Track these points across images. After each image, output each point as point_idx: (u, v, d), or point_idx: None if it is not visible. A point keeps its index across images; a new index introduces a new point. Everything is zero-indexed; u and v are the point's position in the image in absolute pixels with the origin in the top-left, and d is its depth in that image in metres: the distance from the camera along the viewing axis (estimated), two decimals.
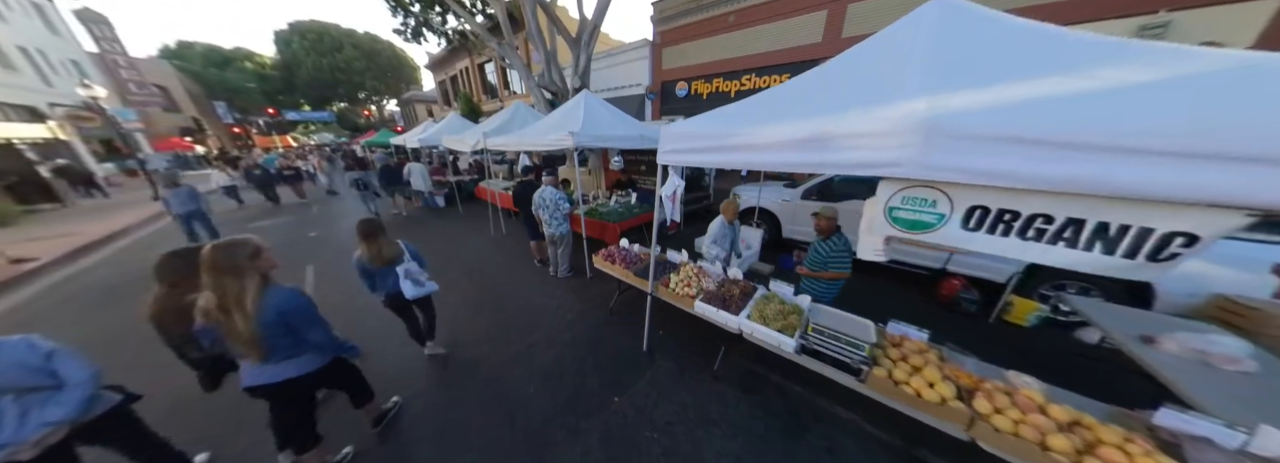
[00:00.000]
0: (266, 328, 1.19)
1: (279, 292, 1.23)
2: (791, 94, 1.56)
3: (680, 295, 2.13)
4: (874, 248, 1.40)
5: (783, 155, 1.38)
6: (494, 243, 5.02)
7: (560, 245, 3.52)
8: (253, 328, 1.16)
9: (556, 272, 3.70)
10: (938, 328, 2.66)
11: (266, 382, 1.29)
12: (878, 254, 1.39)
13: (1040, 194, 0.96)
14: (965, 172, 1.00)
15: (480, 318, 3.01)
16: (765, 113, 1.53)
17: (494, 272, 4.00)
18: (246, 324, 1.15)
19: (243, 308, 1.15)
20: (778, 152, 1.40)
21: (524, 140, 3.85)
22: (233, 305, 1.14)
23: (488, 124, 5.45)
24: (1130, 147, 0.79)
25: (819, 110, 1.34)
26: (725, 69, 7.74)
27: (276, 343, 1.24)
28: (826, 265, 2.10)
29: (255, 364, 1.26)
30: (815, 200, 3.96)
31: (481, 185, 6.75)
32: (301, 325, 1.27)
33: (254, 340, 1.17)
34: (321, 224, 6.55)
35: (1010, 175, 0.94)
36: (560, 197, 3.27)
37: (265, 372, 1.28)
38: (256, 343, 1.18)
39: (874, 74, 1.32)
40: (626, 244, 2.92)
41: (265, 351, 1.21)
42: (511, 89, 14.23)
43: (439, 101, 21.52)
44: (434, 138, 6.77)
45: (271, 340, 1.22)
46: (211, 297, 1.15)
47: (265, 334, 1.19)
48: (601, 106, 4.04)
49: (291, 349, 1.29)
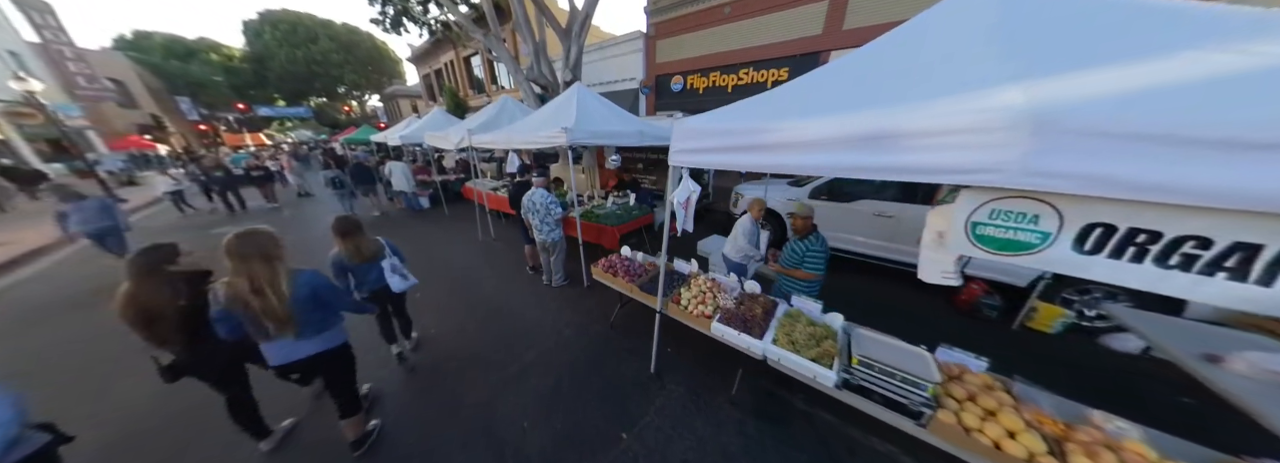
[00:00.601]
0: (299, 304, 1.31)
1: (305, 272, 1.37)
2: (835, 82, 1.29)
3: (694, 315, 1.88)
4: (942, 269, 1.16)
5: (830, 156, 1.12)
6: (482, 248, 4.67)
7: (553, 253, 3.22)
8: (287, 306, 1.27)
9: (551, 280, 3.41)
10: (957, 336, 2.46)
11: (298, 357, 1.40)
12: (947, 277, 1.16)
13: (1197, 210, 0.72)
14: (1093, 180, 0.76)
15: (466, 335, 2.71)
16: (804, 105, 1.27)
17: (482, 280, 3.68)
18: (282, 303, 1.26)
19: (278, 289, 1.26)
20: (823, 152, 1.14)
21: (513, 137, 3.51)
22: (267, 287, 1.24)
23: (473, 120, 5.07)
24: None
25: (874, 101, 1.08)
26: (722, 62, 7.45)
27: (308, 319, 1.36)
28: (801, 265, 2.01)
29: (290, 340, 1.35)
30: (824, 200, 3.75)
31: (468, 185, 6.35)
32: (331, 299, 1.44)
33: (289, 318, 1.29)
34: (294, 228, 6.06)
35: (1163, 187, 0.70)
36: (552, 200, 2.97)
37: (297, 348, 1.39)
38: (291, 320, 1.29)
39: (939, 55, 1.07)
40: (630, 253, 2.65)
41: (299, 326, 1.33)
42: (499, 84, 13.67)
43: (424, 96, 20.66)
44: (416, 135, 6.33)
45: (304, 316, 1.34)
46: (242, 282, 1.22)
47: (299, 311, 1.31)
48: (596, 101, 3.73)
49: (320, 324, 1.42)
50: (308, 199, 8.59)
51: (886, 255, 3.51)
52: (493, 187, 5.85)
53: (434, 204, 7.04)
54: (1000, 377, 1.32)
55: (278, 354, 1.37)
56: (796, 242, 2.06)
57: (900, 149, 1.00)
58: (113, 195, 4.80)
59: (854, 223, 3.64)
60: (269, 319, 1.26)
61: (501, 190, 5.48)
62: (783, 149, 1.23)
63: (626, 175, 4.67)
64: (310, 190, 9.03)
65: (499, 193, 5.36)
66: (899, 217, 3.37)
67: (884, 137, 1.02)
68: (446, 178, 7.49)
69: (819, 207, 3.86)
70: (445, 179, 7.39)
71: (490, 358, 2.42)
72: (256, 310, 1.24)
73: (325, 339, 1.46)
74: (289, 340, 1.35)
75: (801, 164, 1.20)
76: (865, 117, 1.05)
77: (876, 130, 1.03)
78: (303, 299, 1.33)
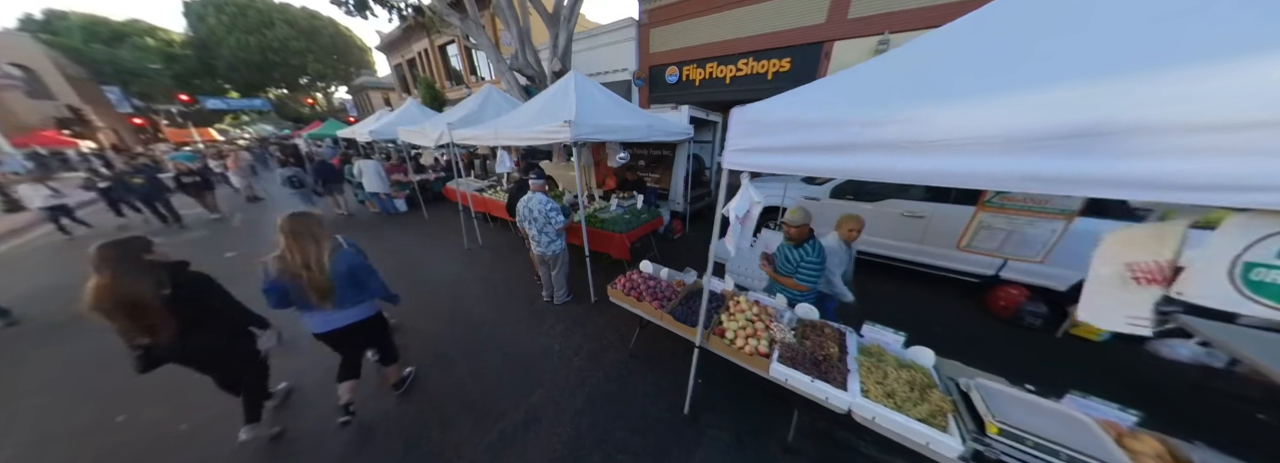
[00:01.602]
0: (338, 279, 1.51)
1: (345, 253, 1.56)
2: (979, 43, 0.89)
3: (746, 352, 1.52)
4: (1129, 314, 0.84)
5: (1004, 162, 0.75)
6: (470, 259, 4.14)
7: (555, 267, 2.78)
8: (328, 280, 1.47)
9: (552, 297, 2.97)
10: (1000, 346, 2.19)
11: (337, 326, 1.60)
12: (1136, 325, 0.83)
13: None
14: None
15: (455, 371, 2.24)
16: (935, 81, 0.89)
17: (471, 299, 3.18)
18: (323, 277, 1.46)
19: (321, 265, 1.46)
20: (991, 154, 0.76)
21: (502, 133, 3.01)
22: (313, 264, 1.44)
23: (453, 113, 4.48)
24: None
25: (1068, 71, 0.72)
26: (720, 52, 7.05)
27: (345, 293, 1.54)
28: (795, 274, 1.82)
29: (328, 311, 1.54)
30: (850, 200, 3.46)
31: (450, 186, 5.74)
32: (364, 276, 1.61)
33: (329, 290, 1.48)
34: (243, 240, 5.29)
35: None
36: (552, 207, 2.51)
37: (335, 318, 1.59)
38: (331, 292, 1.49)
39: (1174, 9, 0.71)
40: (651, 268, 2.25)
41: (337, 299, 1.52)
42: (479, 75, 12.76)
43: (396, 88, 19.24)
44: (387, 130, 5.64)
45: (341, 291, 1.52)
46: (294, 257, 1.44)
47: (337, 285, 1.50)
48: (596, 90, 3.26)
49: (355, 298, 1.60)
50: (260, 203, 7.56)
51: (916, 258, 3.27)
52: (478, 187, 5.29)
53: (412, 207, 6.37)
54: (1172, 440, 1.03)
55: (320, 323, 1.58)
56: (790, 249, 1.84)
57: (1135, 152, 0.65)
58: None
59: (880, 224, 3.37)
60: (312, 290, 1.44)
61: (489, 191, 4.94)
62: (917, 149, 0.85)
63: (630, 174, 4.23)
64: (261, 194, 7.98)
65: (486, 194, 4.83)
66: (930, 217, 3.12)
67: (1107, 132, 0.65)
68: (425, 177, 6.81)
69: (842, 207, 3.59)
70: (424, 179, 6.71)
71: (486, 402, 1.98)
72: (304, 283, 1.43)
73: (360, 311, 1.65)
74: (329, 312, 1.54)
75: (954, 171, 0.82)
76: (1072, 98, 0.68)
77: (1094, 123, 0.66)
78: (341, 275, 1.50)
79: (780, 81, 6.58)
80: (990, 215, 2.57)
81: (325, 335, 1.62)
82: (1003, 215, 2.52)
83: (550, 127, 2.51)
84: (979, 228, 2.64)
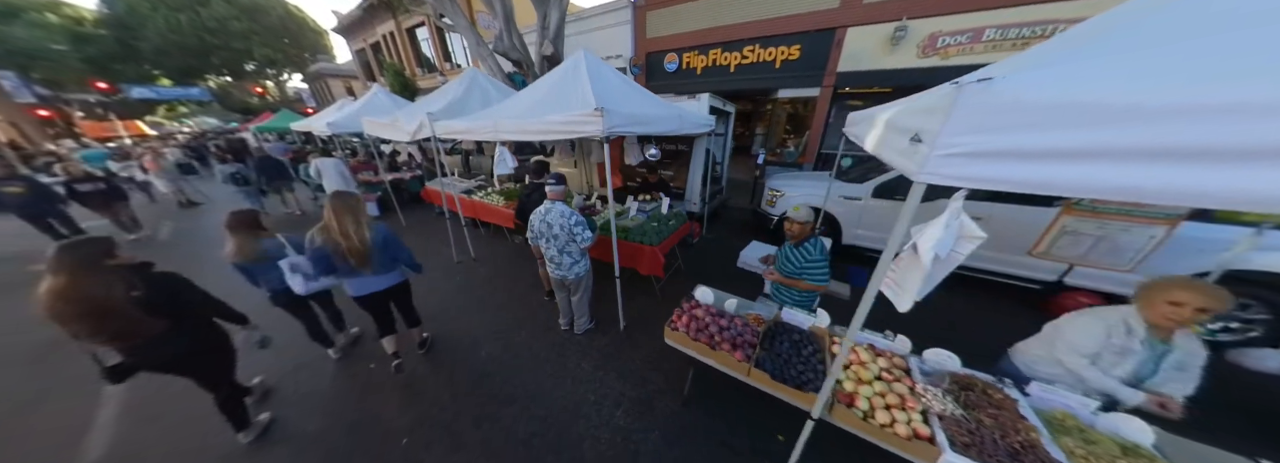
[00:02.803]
0: (375, 247, 1.72)
1: (379, 226, 1.78)
2: None
3: (895, 433, 1.07)
4: None
5: None
6: (461, 275, 3.48)
7: (577, 292, 2.25)
8: (367, 248, 1.69)
9: (572, 325, 2.45)
10: None
11: (374, 290, 1.86)
12: None
13: None
14: None
15: (460, 442, 1.68)
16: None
17: (470, 331, 2.57)
18: (364, 245, 1.68)
19: (362, 234, 1.68)
20: None
21: (504, 124, 2.39)
22: (354, 233, 1.66)
23: (430, 101, 3.75)
24: None
25: None
26: (724, 38, 6.52)
27: (380, 259, 1.78)
28: (802, 275, 1.69)
29: (368, 276, 1.81)
30: (897, 200, 3.10)
31: (431, 186, 4.99)
32: (395, 246, 1.84)
33: (368, 257, 1.71)
34: (179, 257, 4.36)
35: None
36: (578, 221, 1.95)
37: (372, 282, 1.85)
38: (368, 258, 1.71)
39: None
40: (711, 296, 1.76)
41: (374, 264, 1.76)
42: (454, 62, 11.59)
43: (360, 76, 17.42)
44: (350, 122, 4.78)
45: (376, 257, 1.75)
46: (336, 227, 1.65)
47: (374, 252, 1.72)
48: (611, 73, 2.69)
49: (388, 265, 1.85)
50: (194, 209, 6.37)
51: (977, 265, 2.97)
52: (465, 188, 4.59)
53: (385, 210, 5.53)
54: None
55: (359, 287, 1.83)
56: (792, 249, 1.73)
57: None
58: None
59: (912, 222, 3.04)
60: (352, 256, 1.67)
61: (479, 194, 4.26)
62: None
63: (651, 174, 3.68)
64: (197, 197, 6.73)
65: (477, 197, 4.15)
66: (989, 218, 2.81)
67: None
68: (399, 177, 5.96)
69: (887, 208, 3.24)
70: (398, 178, 5.86)
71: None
72: (344, 250, 1.65)
73: (392, 277, 1.92)
74: (367, 277, 1.81)
75: None
76: None
77: None
78: (377, 244, 1.74)
79: (789, 70, 6.16)
80: (1078, 220, 2.26)
81: (362, 299, 1.87)
82: (1094, 220, 2.22)
83: (572, 116, 1.94)
84: (1062, 233, 2.33)
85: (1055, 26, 4.40)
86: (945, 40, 4.99)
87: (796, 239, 1.69)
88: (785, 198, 3.75)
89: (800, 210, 1.63)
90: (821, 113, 6.08)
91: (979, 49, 4.87)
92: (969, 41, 4.89)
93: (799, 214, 1.63)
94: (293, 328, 2.14)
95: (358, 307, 1.91)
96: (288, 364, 2.21)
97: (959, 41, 4.93)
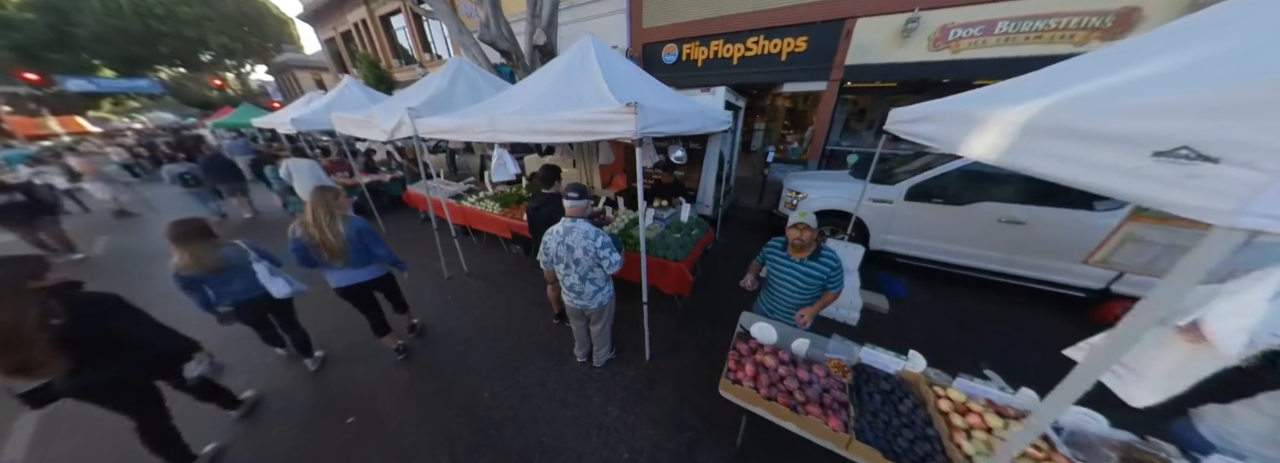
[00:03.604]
0: (349, 242, 1.75)
1: (356, 220, 1.82)
2: None
3: None
4: None
5: None
6: (454, 293, 3.05)
7: (598, 321, 1.89)
8: (342, 242, 1.72)
9: (591, 356, 2.11)
10: None
11: (354, 282, 1.90)
12: None
13: None
14: None
15: None
16: None
17: (469, 364, 2.19)
18: (338, 240, 1.71)
19: (335, 228, 1.70)
20: None
21: (503, 123, 1.97)
22: (327, 227, 1.68)
23: (410, 95, 3.26)
24: None
25: None
26: (726, 28, 6.14)
27: (356, 253, 1.79)
28: (826, 287, 1.50)
29: (341, 269, 1.83)
30: (936, 204, 2.87)
31: (414, 190, 4.49)
32: (370, 241, 1.84)
33: (342, 251, 1.73)
34: (115, 278, 3.75)
35: None
36: (605, 242, 1.57)
37: (352, 275, 1.88)
38: (342, 252, 1.74)
39: None
40: (771, 334, 1.45)
41: (349, 258, 1.77)
42: (435, 52, 10.78)
43: (331, 68, 16.16)
44: (318, 118, 4.22)
45: (352, 252, 1.77)
46: (311, 220, 1.69)
47: (349, 247, 1.75)
48: (623, 63, 2.33)
49: (364, 260, 1.86)
50: (132, 220, 5.46)
51: (1009, 270, 2.77)
52: (453, 192, 4.13)
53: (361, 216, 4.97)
54: None
55: (339, 278, 1.86)
56: (808, 264, 1.47)
57: None
58: None
59: (968, 231, 2.83)
60: (325, 250, 1.70)
61: (470, 199, 3.81)
62: None
63: (666, 176, 3.32)
64: (132, 207, 5.71)
65: (468, 203, 3.71)
66: (1032, 222, 2.61)
67: None
68: (377, 179, 5.39)
69: (920, 211, 3.00)
70: (376, 181, 5.30)
71: None
72: (317, 243, 1.68)
73: (370, 271, 1.94)
74: (345, 270, 1.83)
75: None
76: None
77: None
78: (351, 239, 1.76)
79: (795, 63, 5.86)
80: (1146, 227, 2.06)
81: (343, 290, 1.90)
82: (1163, 227, 2.02)
83: (593, 113, 1.56)
84: (1125, 241, 2.13)
85: (1069, 20, 4.25)
86: (957, 32, 4.79)
87: (808, 250, 1.47)
88: (808, 200, 3.47)
89: (809, 216, 1.42)
90: (827, 107, 5.84)
91: (991, 42, 4.69)
92: (981, 34, 4.70)
93: (810, 220, 1.41)
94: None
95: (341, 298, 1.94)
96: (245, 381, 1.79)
97: (971, 34, 4.74)
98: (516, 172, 2.47)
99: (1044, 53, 4.38)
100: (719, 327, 2.47)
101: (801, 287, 1.50)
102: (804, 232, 1.40)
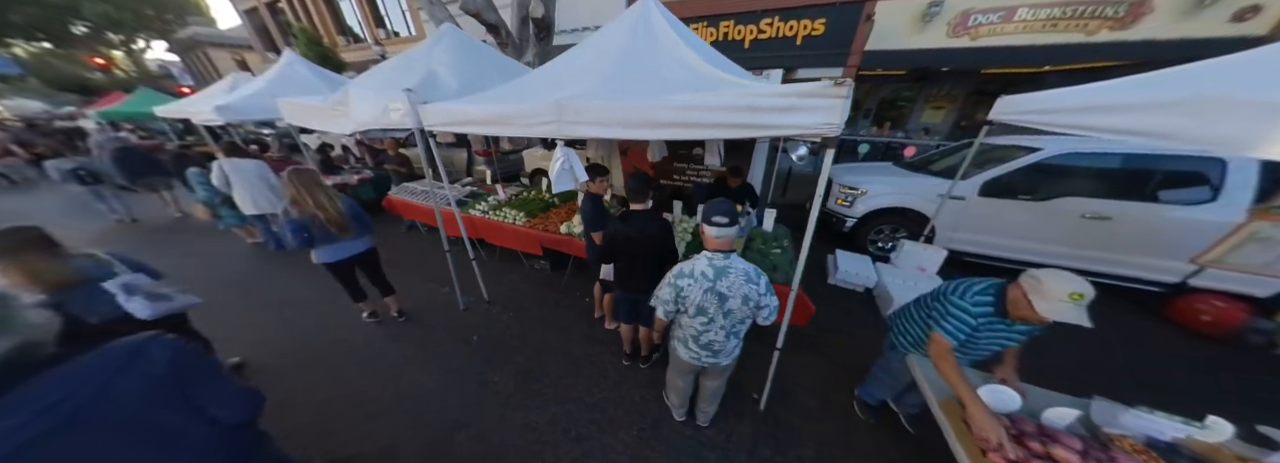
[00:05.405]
0: (348, 213, 1.89)
1: (341, 197, 1.90)
2: None
3: None
4: None
5: None
6: (480, 332, 2.35)
7: (720, 377, 1.41)
8: (344, 215, 1.86)
9: (694, 414, 1.62)
10: (1220, 373, 1.59)
11: (353, 253, 2.02)
12: None
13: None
14: None
15: None
16: None
17: (523, 442, 1.65)
18: (339, 212, 1.84)
19: (336, 204, 1.84)
20: None
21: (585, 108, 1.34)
22: (329, 204, 1.81)
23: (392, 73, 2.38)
24: None
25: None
26: (737, 8, 5.60)
27: (356, 223, 1.94)
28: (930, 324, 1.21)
29: (348, 240, 1.96)
30: (1020, 200, 2.64)
31: (396, 196, 3.62)
32: (360, 213, 1.98)
33: (346, 221, 1.87)
34: None
35: None
36: (768, 285, 1.09)
37: (351, 247, 2.00)
38: (347, 224, 1.88)
39: None
40: (1007, 392, 1.06)
41: (353, 228, 1.92)
42: (391, 29, 9.19)
43: (257, 45, 13.48)
44: (252, 105, 3.21)
45: (354, 221, 1.92)
46: (310, 201, 1.77)
47: (352, 218, 1.91)
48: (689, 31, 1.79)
49: (362, 230, 2.00)
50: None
51: (1094, 268, 2.64)
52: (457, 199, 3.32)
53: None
54: None
55: (340, 251, 1.97)
56: (1025, 323, 1.08)
57: None
58: None
59: (1049, 229, 2.65)
60: (333, 224, 1.82)
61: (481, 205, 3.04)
62: None
63: (733, 177, 2.73)
64: None
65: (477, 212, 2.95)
66: (1120, 218, 2.46)
67: None
68: (344, 181, 4.37)
69: (997, 208, 2.77)
70: (343, 183, 4.29)
71: None
72: (323, 219, 1.79)
73: (365, 242, 2.08)
74: (347, 241, 1.95)
75: None
76: None
77: None
78: (345, 213, 1.88)
79: (812, 47, 5.49)
80: (1273, 226, 1.91)
81: (333, 264, 1.99)
82: None
83: (773, 98, 1.02)
84: (1248, 240, 1.99)
85: (1085, 8, 4.20)
86: (977, 18, 4.63)
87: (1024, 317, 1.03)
88: (867, 196, 3.15)
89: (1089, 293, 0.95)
90: None
91: (1009, 30, 4.58)
92: (1000, 21, 4.57)
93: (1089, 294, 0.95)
94: None
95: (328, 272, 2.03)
96: None
97: (990, 21, 4.59)
98: (585, 179, 1.85)
99: (1056, 41, 4.33)
100: (818, 353, 2.09)
101: (1006, 345, 1.16)
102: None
